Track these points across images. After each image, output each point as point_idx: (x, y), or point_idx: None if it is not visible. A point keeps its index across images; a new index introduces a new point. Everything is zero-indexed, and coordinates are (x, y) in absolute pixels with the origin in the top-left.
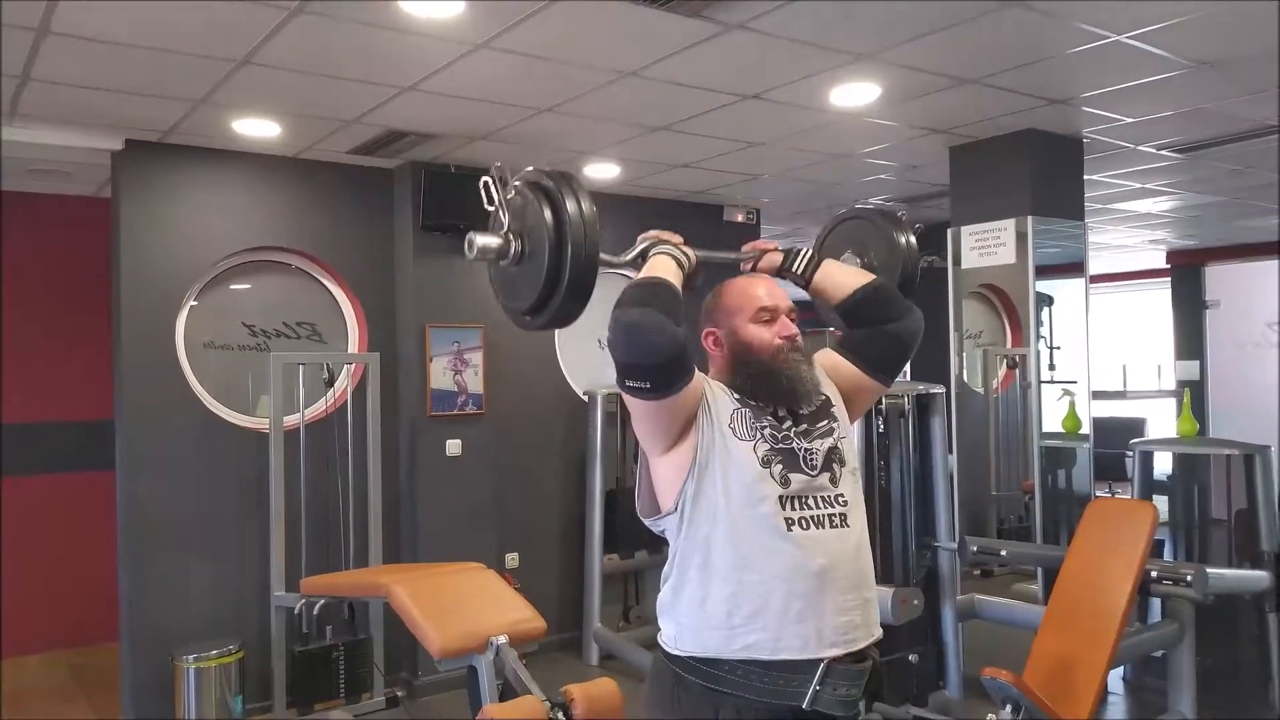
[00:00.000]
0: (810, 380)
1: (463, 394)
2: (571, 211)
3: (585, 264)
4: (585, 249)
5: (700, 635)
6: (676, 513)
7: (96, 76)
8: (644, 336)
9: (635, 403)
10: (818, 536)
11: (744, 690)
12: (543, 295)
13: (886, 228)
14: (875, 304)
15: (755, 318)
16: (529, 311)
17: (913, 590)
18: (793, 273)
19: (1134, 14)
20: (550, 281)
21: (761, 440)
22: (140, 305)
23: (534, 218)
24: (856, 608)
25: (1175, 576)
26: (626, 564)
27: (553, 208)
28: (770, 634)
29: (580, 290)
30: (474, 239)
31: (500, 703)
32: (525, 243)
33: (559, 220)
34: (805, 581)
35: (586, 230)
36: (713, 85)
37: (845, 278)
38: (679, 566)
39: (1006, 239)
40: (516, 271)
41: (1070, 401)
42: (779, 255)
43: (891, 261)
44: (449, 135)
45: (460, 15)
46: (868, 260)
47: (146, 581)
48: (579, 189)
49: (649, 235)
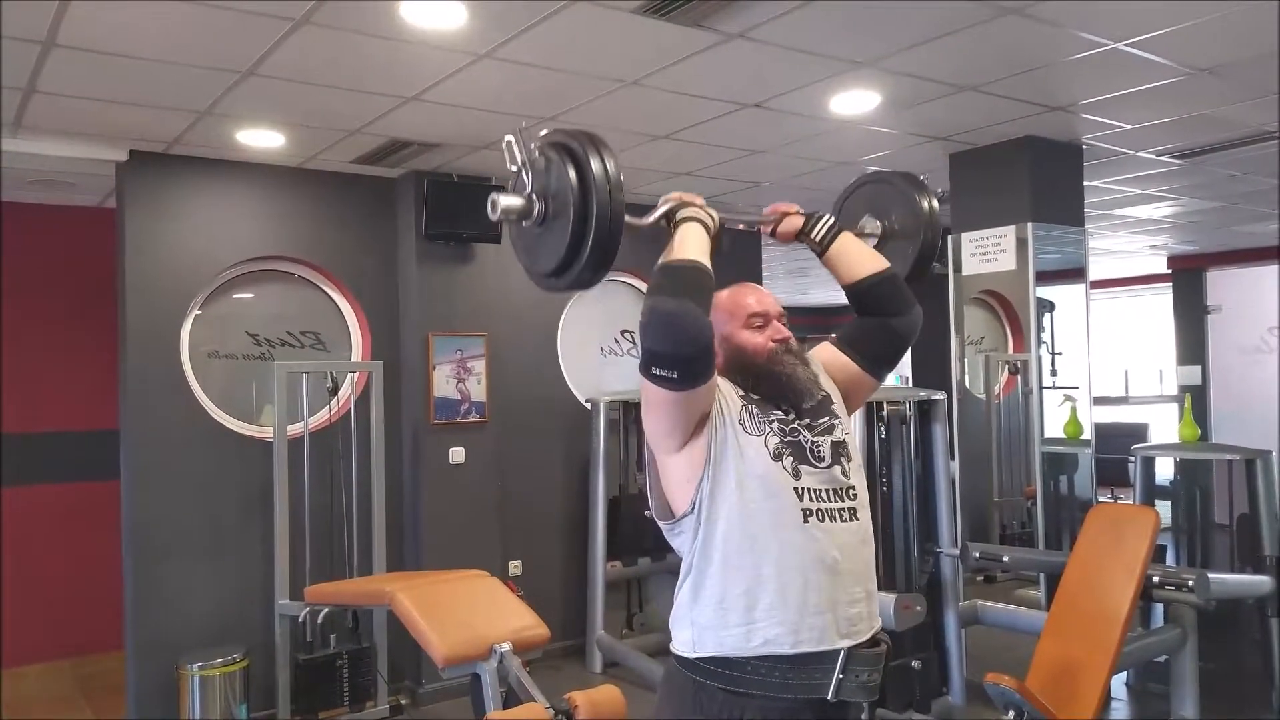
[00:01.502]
0: (807, 378)
1: (465, 402)
2: (597, 172)
3: (611, 226)
4: (611, 210)
5: (719, 634)
6: (693, 514)
7: (101, 88)
8: (680, 328)
9: (656, 393)
10: (832, 529)
11: (766, 689)
12: (566, 258)
13: (909, 192)
14: (885, 293)
15: (747, 324)
16: (552, 274)
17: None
18: (811, 239)
19: (1132, 21)
20: (575, 243)
21: (771, 433)
22: (145, 315)
23: (558, 178)
24: (862, 600)
25: (1177, 581)
26: (630, 571)
27: (578, 168)
28: (789, 627)
29: (605, 253)
30: (497, 199)
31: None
32: (549, 204)
33: (584, 181)
34: (821, 573)
35: (612, 192)
36: (714, 94)
37: (861, 257)
38: (697, 567)
39: (1007, 245)
40: (539, 233)
41: (1072, 407)
42: (800, 219)
43: (913, 227)
44: (452, 145)
45: (463, 25)
46: (888, 225)
47: (151, 590)
48: (605, 149)
49: (671, 197)
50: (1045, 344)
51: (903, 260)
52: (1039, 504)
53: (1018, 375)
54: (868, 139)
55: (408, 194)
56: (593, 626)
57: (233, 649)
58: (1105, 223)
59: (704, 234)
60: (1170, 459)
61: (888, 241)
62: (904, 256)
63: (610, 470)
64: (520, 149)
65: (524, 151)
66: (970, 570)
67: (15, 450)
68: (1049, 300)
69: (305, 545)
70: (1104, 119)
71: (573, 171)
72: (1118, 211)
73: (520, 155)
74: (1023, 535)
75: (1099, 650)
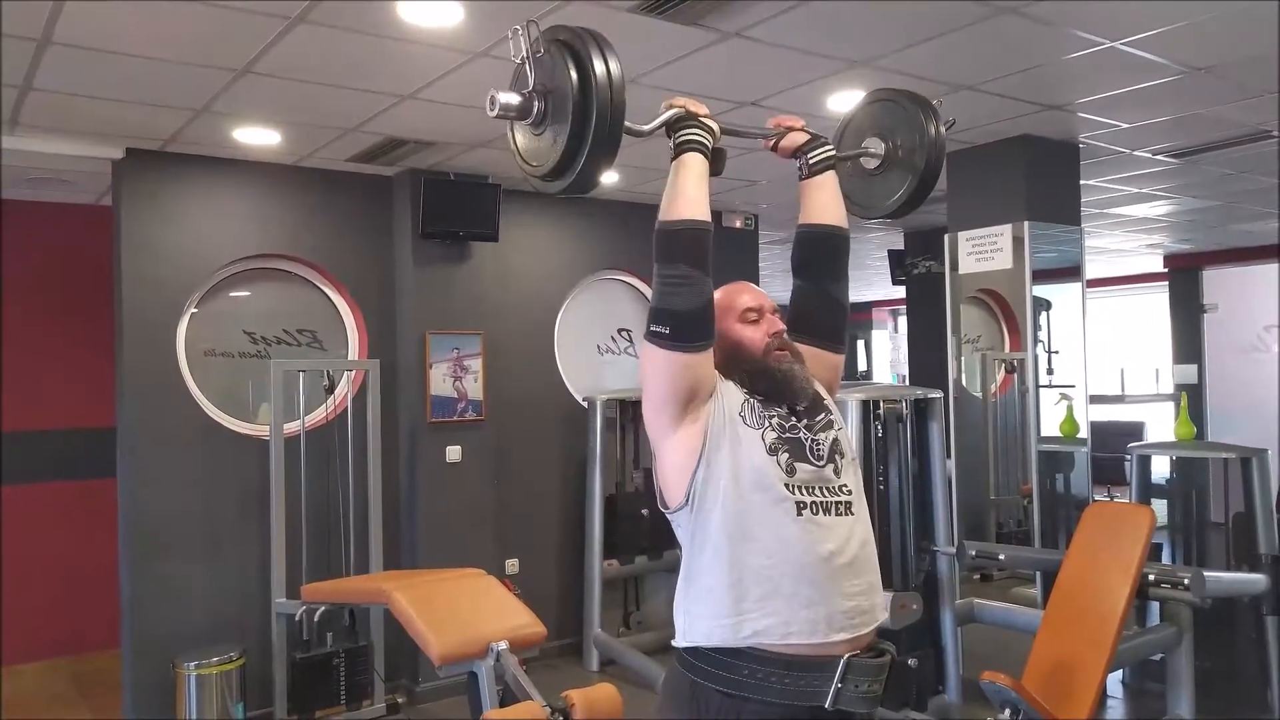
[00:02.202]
0: (802, 376)
1: (462, 400)
2: (599, 71)
3: (611, 126)
4: (611, 111)
5: (709, 624)
6: (687, 505)
7: (98, 86)
8: (676, 287)
9: (655, 355)
10: (825, 522)
11: (764, 693)
12: (565, 157)
13: (916, 114)
14: (834, 249)
15: (742, 318)
16: (550, 174)
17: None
18: (806, 159)
19: (1128, 20)
20: (574, 143)
21: (769, 429)
22: (141, 313)
23: (560, 77)
24: (862, 592)
25: (1173, 580)
26: (626, 569)
27: (579, 67)
28: (779, 619)
29: (605, 152)
30: (496, 95)
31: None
32: (549, 102)
33: (585, 80)
34: (814, 566)
35: (614, 91)
36: (710, 92)
37: (833, 203)
38: (692, 557)
39: (1003, 244)
40: (538, 131)
41: (1068, 406)
42: (803, 136)
43: (916, 150)
44: (448, 143)
45: (459, 24)
46: (891, 147)
47: (148, 589)
48: (608, 49)
49: (676, 103)
50: (1042, 343)
51: (904, 185)
52: (1035, 502)
53: (1014, 374)
54: None
55: (404, 192)
56: (589, 625)
57: (229, 647)
58: (1102, 221)
59: (702, 165)
60: (1166, 457)
61: (891, 164)
62: (904, 182)
63: (607, 469)
64: (526, 41)
65: (530, 45)
66: (966, 568)
67: (12, 448)
68: (1045, 299)
69: (302, 543)
70: (1101, 118)
71: (574, 70)
72: (1114, 210)
73: (526, 48)
74: (1019, 534)
75: (1095, 648)
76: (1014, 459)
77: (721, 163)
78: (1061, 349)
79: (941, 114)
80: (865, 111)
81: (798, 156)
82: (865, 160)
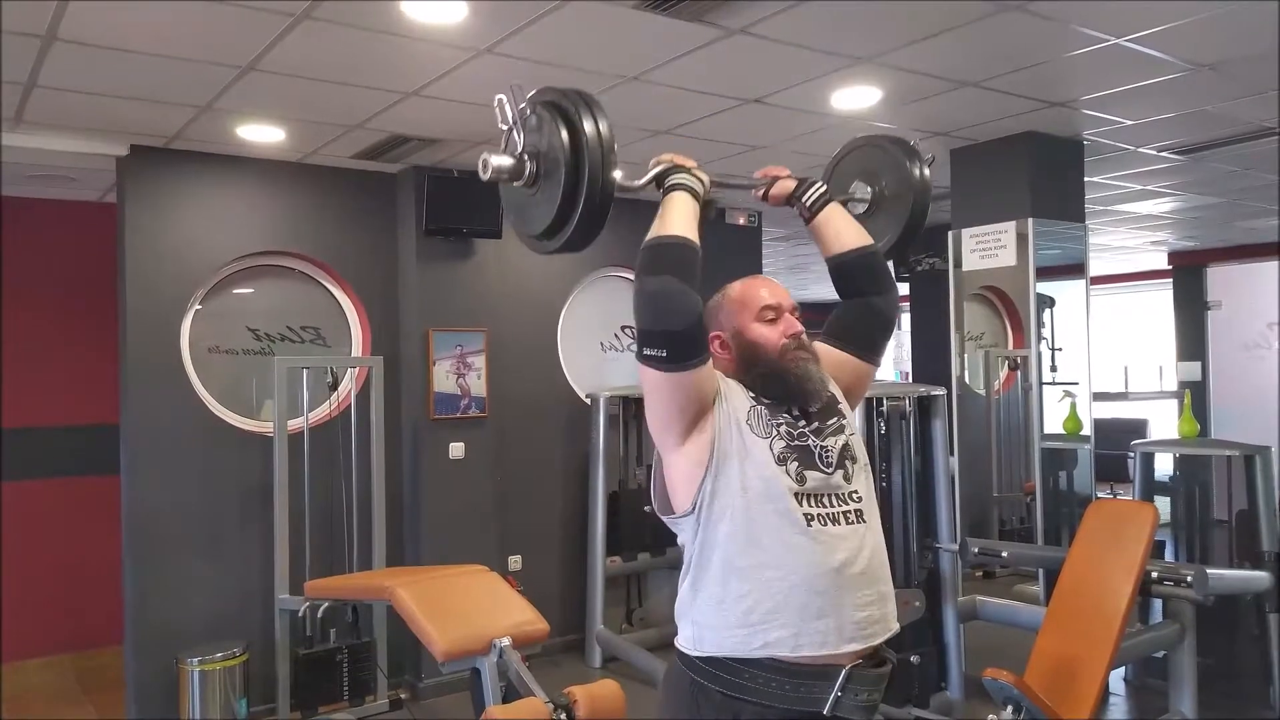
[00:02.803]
0: (818, 378)
1: (465, 397)
2: (589, 132)
3: (602, 187)
4: (603, 172)
5: (720, 635)
6: (694, 513)
7: (102, 83)
8: (665, 304)
9: (652, 377)
10: (836, 533)
11: (764, 697)
12: (558, 219)
13: (899, 157)
14: (865, 268)
15: (760, 317)
16: (543, 235)
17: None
18: (801, 203)
19: (1133, 17)
20: (566, 204)
21: (778, 437)
22: (145, 310)
23: (550, 139)
24: (874, 602)
25: (1176, 577)
26: (629, 566)
27: (569, 128)
28: (790, 631)
29: (596, 214)
30: (488, 159)
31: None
32: (540, 164)
33: (576, 141)
34: (824, 578)
35: (604, 153)
36: (714, 89)
37: (847, 228)
38: (697, 566)
39: (1007, 241)
40: (530, 194)
41: (1071, 403)
42: (792, 183)
43: (903, 192)
44: (452, 140)
45: (463, 21)
46: (879, 190)
47: (151, 585)
48: (598, 109)
49: (663, 158)
50: (1045, 340)
51: (893, 227)
52: (1038, 499)
53: (1017, 371)
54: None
55: (408, 189)
56: (592, 621)
57: (232, 643)
58: (1106, 218)
59: (691, 204)
60: (1170, 455)
61: (878, 208)
62: (893, 223)
63: (610, 465)
64: (512, 107)
65: (515, 110)
66: (969, 565)
67: (15, 444)
68: (1049, 296)
69: (305, 540)
70: (1105, 114)
71: (564, 131)
72: (1118, 207)
73: (512, 114)
74: (1022, 531)
75: (1098, 646)
76: (1017, 456)
77: (712, 211)
78: (1065, 346)
79: (922, 154)
80: (849, 157)
81: (791, 203)
82: (853, 205)
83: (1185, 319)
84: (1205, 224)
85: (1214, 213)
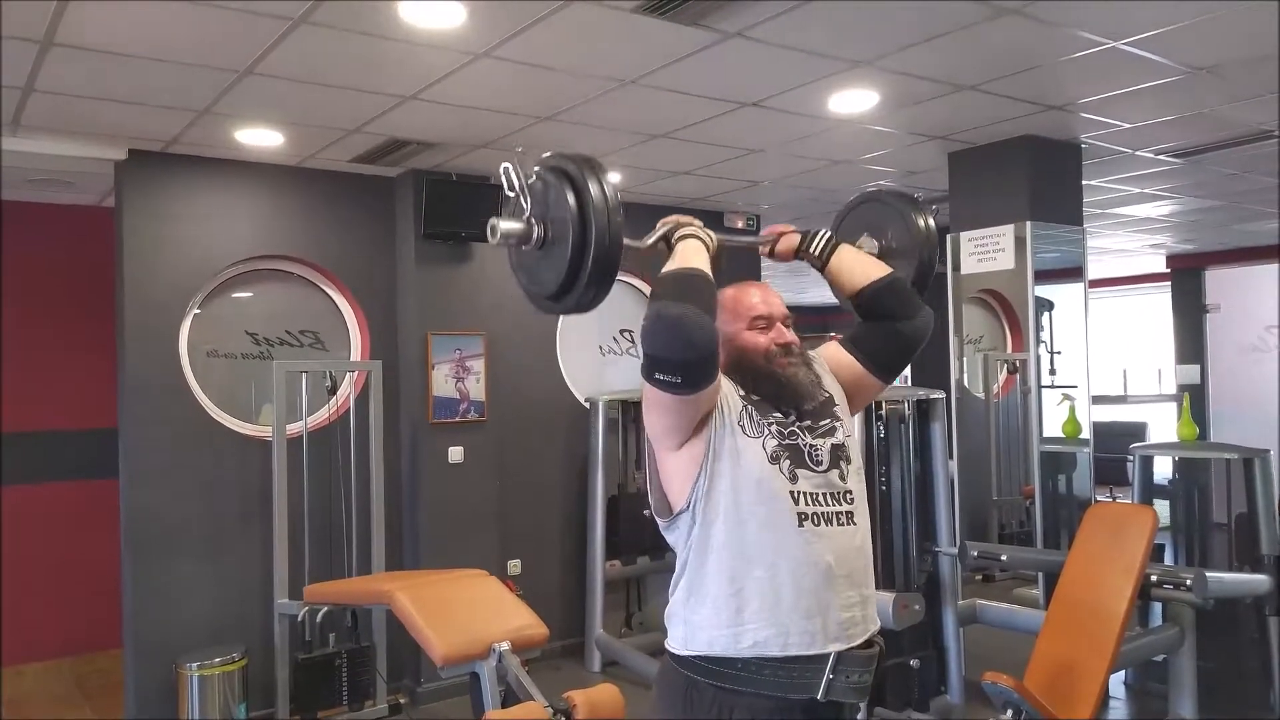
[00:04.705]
0: (809, 381)
1: (464, 401)
2: (595, 196)
3: (610, 249)
4: (609, 234)
5: (710, 634)
6: (689, 511)
7: (100, 87)
8: (686, 333)
9: (660, 396)
10: (826, 533)
11: (757, 686)
12: (566, 281)
13: (905, 210)
14: (890, 298)
15: (751, 325)
16: (552, 297)
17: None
18: (810, 254)
19: (1131, 20)
20: (574, 267)
21: (769, 436)
22: (144, 314)
23: (557, 202)
24: (857, 604)
25: (1175, 580)
26: (628, 570)
27: (575, 192)
28: (779, 629)
29: (605, 275)
30: (497, 224)
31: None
32: (548, 228)
33: (582, 205)
34: (813, 577)
35: (610, 215)
36: (712, 93)
37: (862, 266)
38: (691, 565)
39: (1006, 244)
40: (539, 256)
41: (1070, 406)
42: (796, 237)
43: (909, 246)
44: (450, 144)
45: (462, 25)
46: (885, 244)
47: (150, 589)
48: (602, 173)
49: (668, 220)
50: (1044, 343)
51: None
52: (1037, 503)
53: (1016, 374)
54: (866, 138)
55: (406, 193)
56: (591, 626)
57: (232, 648)
58: (1104, 222)
59: (704, 249)
60: (1169, 458)
61: (886, 260)
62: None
63: (609, 469)
64: (517, 174)
65: (520, 176)
66: (969, 569)
67: (14, 448)
68: (1048, 299)
69: (304, 544)
70: (1103, 118)
71: (571, 196)
72: (1117, 210)
73: (518, 180)
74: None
75: (1097, 649)
76: (1016, 459)
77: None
78: (1064, 349)
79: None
80: (852, 215)
81: (800, 256)
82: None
83: (1184, 322)
84: (1203, 227)
85: (1212, 216)
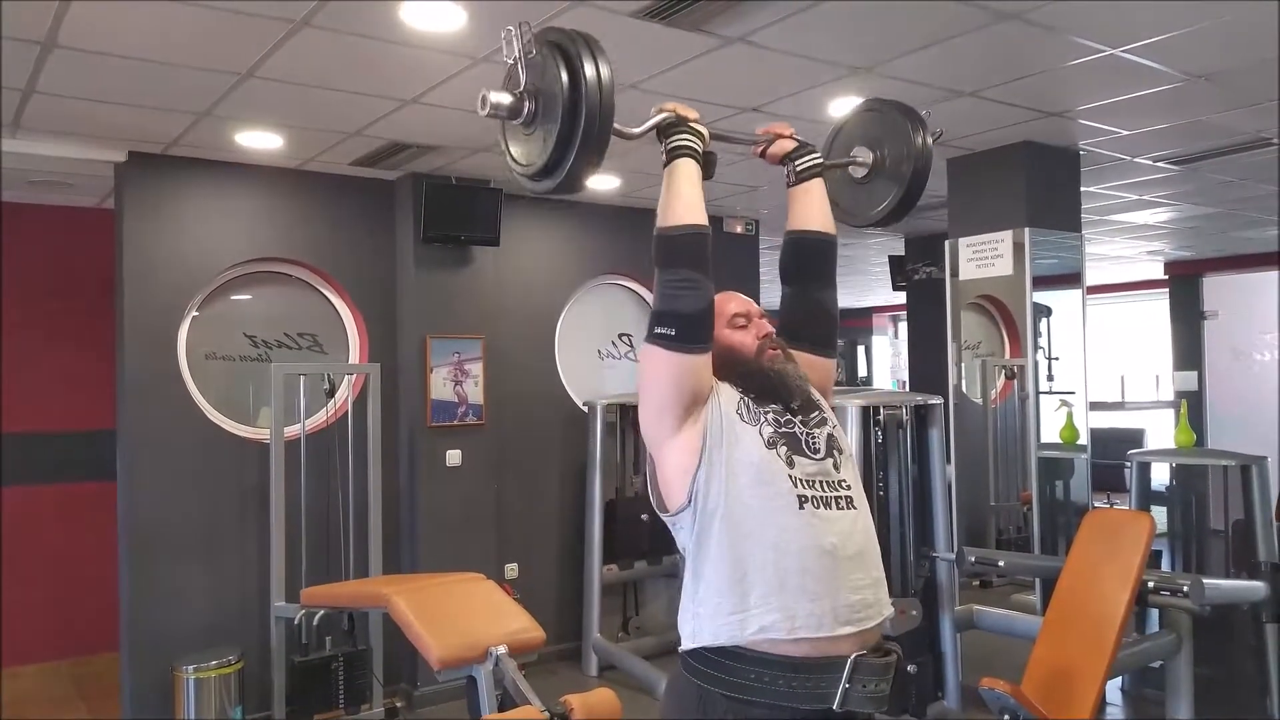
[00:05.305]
0: (795, 374)
1: (463, 404)
2: (589, 73)
3: (600, 127)
4: (600, 112)
5: (716, 623)
6: (690, 505)
7: (100, 89)
8: (680, 290)
9: (657, 357)
10: (828, 516)
11: (770, 696)
12: (553, 157)
13: (905, 124)
14: (821, 255)
15: (731, 324)
16: (538, 174)
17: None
18: (793, 165)
19: (1129, 27)
20: (562, 143)
21: (766, 423)
22: (143, 316)
23: (550, 78)
24: (868, 586)
25: (1173, 587)
26: (626, 574)
27: (569, 69)
28: (785, 613)
29: (592, 154)
30: (487, 95)
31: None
32: (539, 102)
33: (575, 82)
34: (818, 559)
35: (603, 94)
36: (712, 98)
37: (822, 208)
38: (696, 558)
39: (1004, 250)
40: (528, 133)
41: (1068, 412)
42: (791, 144)
43: (903, 160)
44: (450, 147)
45: (462, 29)
46: (879, 156)
47: (147, 591)
48: (599, 51)
49: (666, 107)
50: (1042, 349)
51: (890, 194)
52: (1035, 509)
53: (1014, 380)
54: None
55: (406, 196)
56: (589, 630)
57: (228, 650)
58: (1102, 228)
59: (696, 171)
60: (1166, 464)
61: (877, 173)
62: (891, 190)
63: (607, 473)
64: (518, 43)
65: (521, 47)
66: (966, 575)
67: (12, 450)
68: (1046, 305)
69: (301, 547)
70: (1101, 125)
71: (564, 71)
72: (1115, 217)
73: (518, 49)
74: (1019, 540)
75: (1094, 655)
76: (1014, 465)
77: (712, 167)
78: (1062, 355)
79: (930, 124)
80: (855, 120)
81: (785, 163)
82: (853, 169)
83: (1181, 328)
84: (1201, 234)
85: (1210, 223)
